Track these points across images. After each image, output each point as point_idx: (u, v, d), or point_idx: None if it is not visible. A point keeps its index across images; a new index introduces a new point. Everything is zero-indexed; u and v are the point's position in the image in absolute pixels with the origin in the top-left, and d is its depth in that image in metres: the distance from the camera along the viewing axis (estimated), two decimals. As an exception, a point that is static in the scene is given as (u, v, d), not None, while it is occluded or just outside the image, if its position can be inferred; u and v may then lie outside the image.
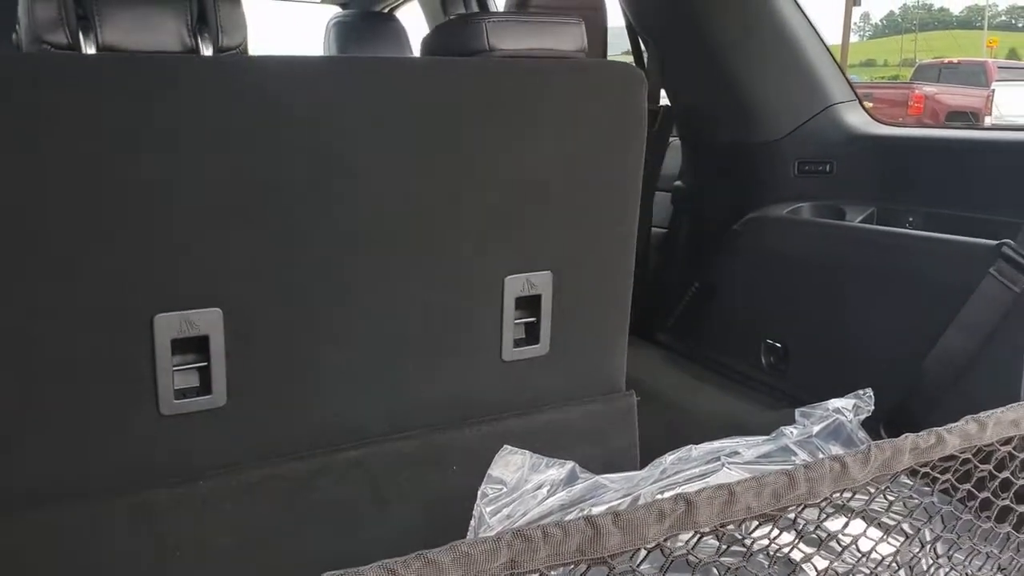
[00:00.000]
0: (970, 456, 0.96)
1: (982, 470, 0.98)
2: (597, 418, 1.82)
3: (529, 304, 1.65)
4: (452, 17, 3.39)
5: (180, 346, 1.36)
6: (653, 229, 3.13)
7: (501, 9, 3.31)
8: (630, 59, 3.13)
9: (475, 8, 4.11)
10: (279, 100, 1.40)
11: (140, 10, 1.30)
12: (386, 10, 4.40)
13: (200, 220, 1.35)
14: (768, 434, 1.49)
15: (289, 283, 1.44)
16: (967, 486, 0.98)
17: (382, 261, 1.51)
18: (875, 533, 0.99)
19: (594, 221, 1.70)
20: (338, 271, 1.48)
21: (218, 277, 1.38)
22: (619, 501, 1.28)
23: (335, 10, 4.41)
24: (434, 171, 1.53)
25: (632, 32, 2.95)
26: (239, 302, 1.39)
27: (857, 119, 2.55)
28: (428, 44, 1.76)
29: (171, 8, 1.32)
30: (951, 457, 0.95)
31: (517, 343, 1.65)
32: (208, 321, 1.36)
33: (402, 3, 4.41)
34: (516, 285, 1.61)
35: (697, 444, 1.44)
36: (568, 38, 1.72)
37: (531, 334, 1.67)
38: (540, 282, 1.63)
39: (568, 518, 0.73)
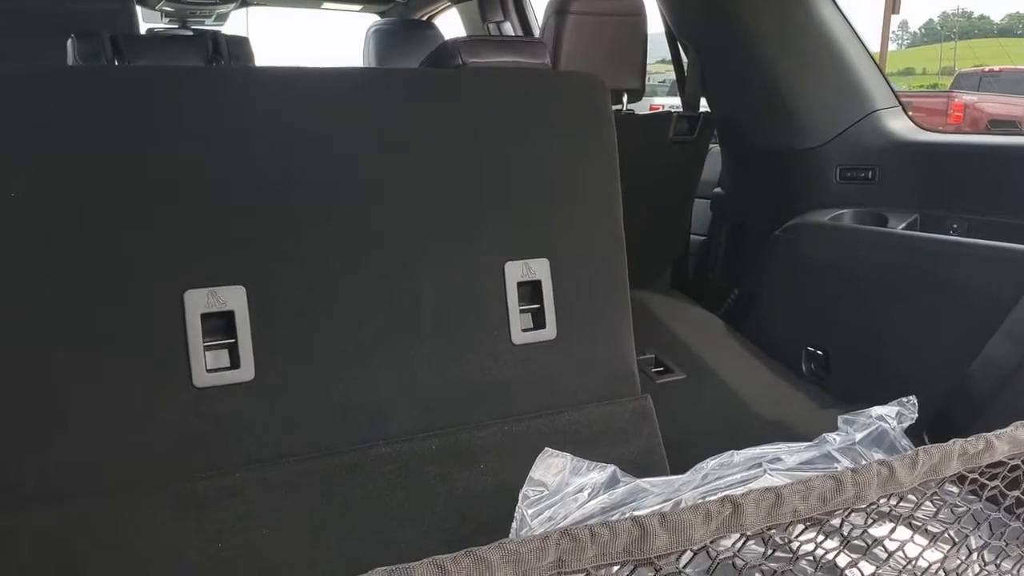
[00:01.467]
0: (1019, 463, 0.95)
1: (1031, 477, 0.97)
2: (618, 419, 1.84)
3: (533, 293, 1.77)
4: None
5: (209, 321, 1.48)
6: (692, 236, 3.12)
7: (539, 13, 3.33)
8: (669, 66, 3.13)
9: (514, 14, 4.13)
10: (293, 104, 1.62)
11: (166, 48, 1.60)
12: (424, 18, 4.43)
13: (225, 209, 1.52)
14: (813, 437, 1.48)
15: (307, 268, 1.58)
16: (1016, 493, 0.97)
17: (389, 247, 1.65)
18: (921, 540, 0.98)
19: (580, 212, 1.84)
20: (351, 256, 1.62)
21: (242, 258, 1.53)
22: (660, 505, 1.28)
23: (375, 18, 4.45)
24: (429, 166, 1.71)
25: (672, 38, 2.95)
26: (261, 282, 1.53)
27: (900, 125, 2.53)
28: (423, 64, 2.07)
29: (192, 44, 1.63)
30: (999, 463, 0.94)
31: (526, 328, 1.76)
32: (233, 296, 1.50)
33: (440, 11, 4.44)
34: (516, 270, 1.74)
35: (739, 449, 1.43)
36: (532, 54, 1.98)
37: (538, 321, 1.78)
38: (538, 268, 1.76)
39: (611, 520, 0.73)
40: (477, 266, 1.72)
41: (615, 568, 0.73)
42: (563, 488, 1.31)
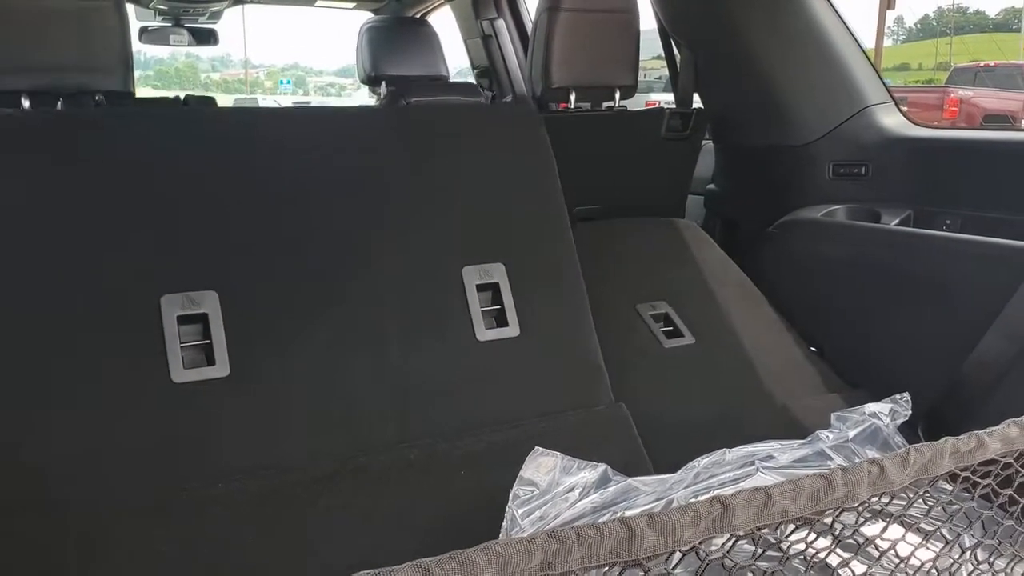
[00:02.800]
0: (1011, 460, 0.95)
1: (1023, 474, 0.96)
2: (596, 427, 1.87)
3: (492, 296, 1.89)
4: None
5: (185, 322, 1.59)
6: (686, 233, 3.12)
7: (533, 11, 3.32)
8: (662, 63, 3.12)
9: (507, 11, 4.13)
10: (257, 140, 1.84)
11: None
12: (418, 15, 4.42)
13: (197, 226, 1.68)
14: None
15: (276, 276, 1.71)
16: (1008, 491, 0.97)
17: (352, 257, 1.79)
18: (913, 538, 0.97)
19: (529, 221, 2.00)
20: (318, 266, 1.76)
21: (214, 268, 1.66)
22: (652, 504, 1.27)
23: (368, 15, 4.44)
24: (385, 188, 1.88)
25: (664, 35, 2.94)
26: (233, 288, 1.66)
27: (893, 121, 2.53)
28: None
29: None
30: (991, 461, 0.94)
31: (489, 326, 1.86)
32: (207, 300, 1.61)
33: (434, 8, 4.43)
34: (473, 275, 1.87)
35: (731, 448, 1.43)
36: (468, 92, 2.42)
37: (500, 320, 1.88)
38: (495, 272, 1.89)
39: (601, 521, 0.72)
40: (436, 271, 1.84)
41: (604, 570, 0.72)
42: (554, 487, 1.30)
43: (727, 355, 2.31)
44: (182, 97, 3.40)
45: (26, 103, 1.94)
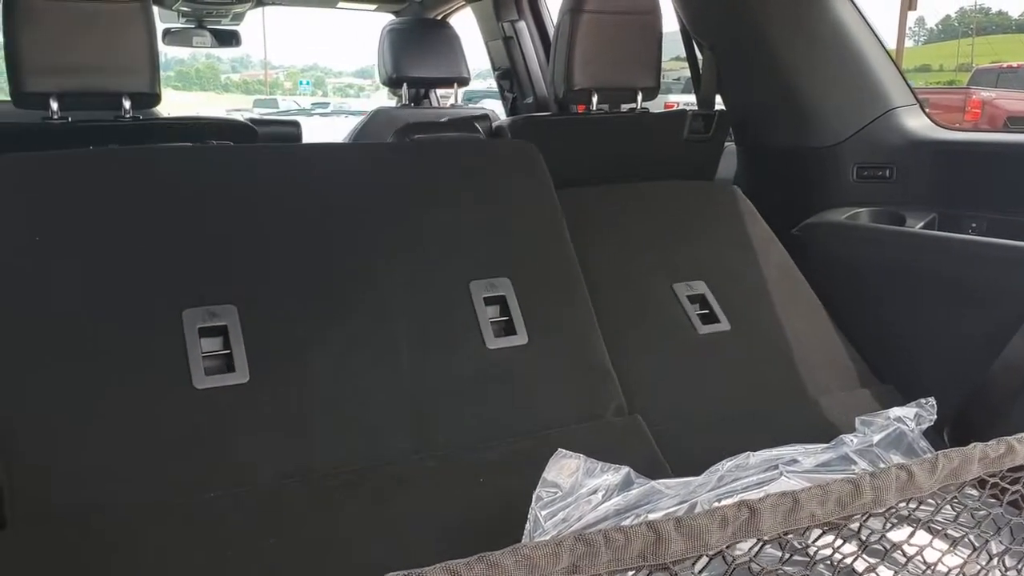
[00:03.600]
0: (1041, 467, 0.94)
1: (1054, 482, 0.95)
2: (611, 439, 1.87)
3: (500, 308, 1.98)
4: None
5: (205, 334, 1.68)
6: (707, 235, 3.11)
7: (554, 13, 3.32)
8: (681, 63, 3.11)
9: (528, 13, 4.13)
10: (278, 174, 1.98)
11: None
12: (439, 17, 4.43)
13: (222, 246, 1.81)
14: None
15: (292, 290, 1.81)
16: (1037, 498, 0.96)
17: (365, 275, 1.89)
18: (941, 545, 0.97)
19: (533, 241, 2.12)
20: (331, 278, 1.86)
21: (234, 283, 1.77)
22: (676, 508, 1.27)
23: (390, 17, 4.46)
24: (394, 215, 2.00)
25: (687, 36, 2.93)
26: (252, 302, 1.75)
27: (918, 123, 2.51)
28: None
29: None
30: (1021, 467, 0.93)
31: (497, 334, 1.93)
32: (227, 313, 1.71)
33: (455, 10, 4.44)
34: (480, 288, 1.96)
35: (755, 451, 1.42)
36: (467, 128, 2.52)
37: (508, 329, 1.95)
38: (502, 285, 1.98)
39: (624, 523, 0.72)
40: (444, 286, 1.95)
41: (630, 574, 0.72)
42: (577, 490, 1.30)
43: (761, 345, 2.25)
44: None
45: (54, 104, 1.97)
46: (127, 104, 2.06)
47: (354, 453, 1.68)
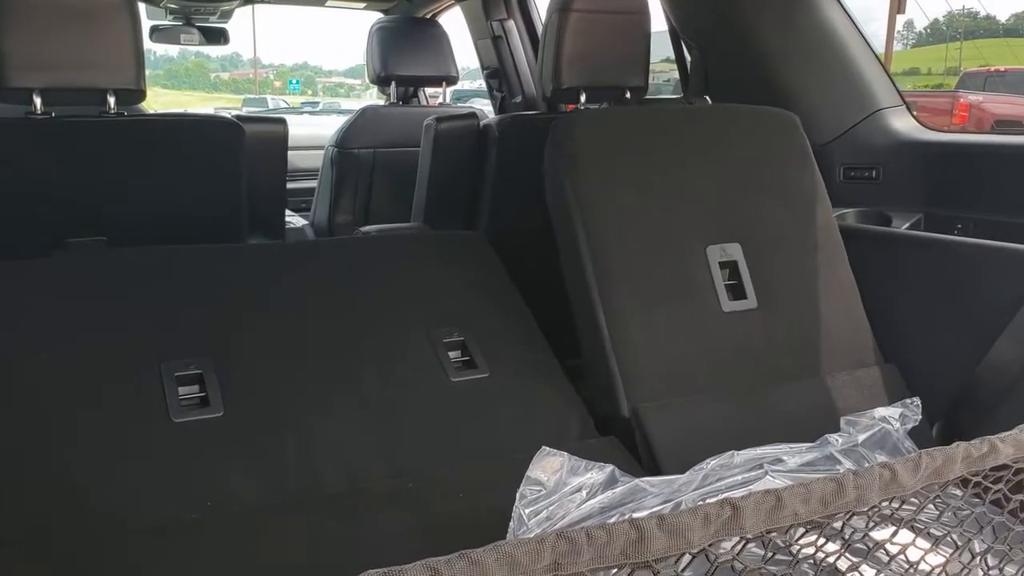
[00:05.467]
0: (1023, 466, 0.94)
1: (1036, 480, 0.96)
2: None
3: (463, 351, 2.07)
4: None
5: (183, 382, 1.79)
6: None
7: (543, 12, 3.32)
8: (671, 65, 3.12)
9: (517, 12, 4.12)
10: (252, 266, 2.15)
11: None
12: (428, 16, 4.42)
13: (199, 315, 1.94)
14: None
15: (263, 345, 1.93)
16: (1019, 497, 0.96)
17: (337, 335, 2.00)
18: (924, 544, 0.97)
19: (485, 303, 2.23)
20: (304, 336, 1.98)
21: (207, 341, 1.89)
22: (660, 506, 1.27)
23: (378, 15, 4.45)
24: (355, 290, 2.15)
25: (675, 36, 2.93)
26: (225, 353, 1.87)
27: (904, 124, 2.52)
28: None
29: None
30: (1003, 467, 0.93)
31: (457, 369, 2.01)
32: (203, 364, 1.82)
33: (444, 9, 4.43)
34: (439, 335, 2.06)
35: (739, 450, 1.42)
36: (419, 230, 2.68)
37: (468, 365, 2.03)
38: (460, 332, 2.09)
39: (610, 521, 0.72)
40: (408, 334, 2.05)
41: (612, 572, 0.72)
42: (561, 487, 1.30)
43: (783, 327, 2.13)
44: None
45: (38, 100, 1.96)
46: (111, 100, 2.04)
47: (330, 477, 1.72)
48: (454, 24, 4.37)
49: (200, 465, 1.67)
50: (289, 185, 2.69)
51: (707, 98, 2.87)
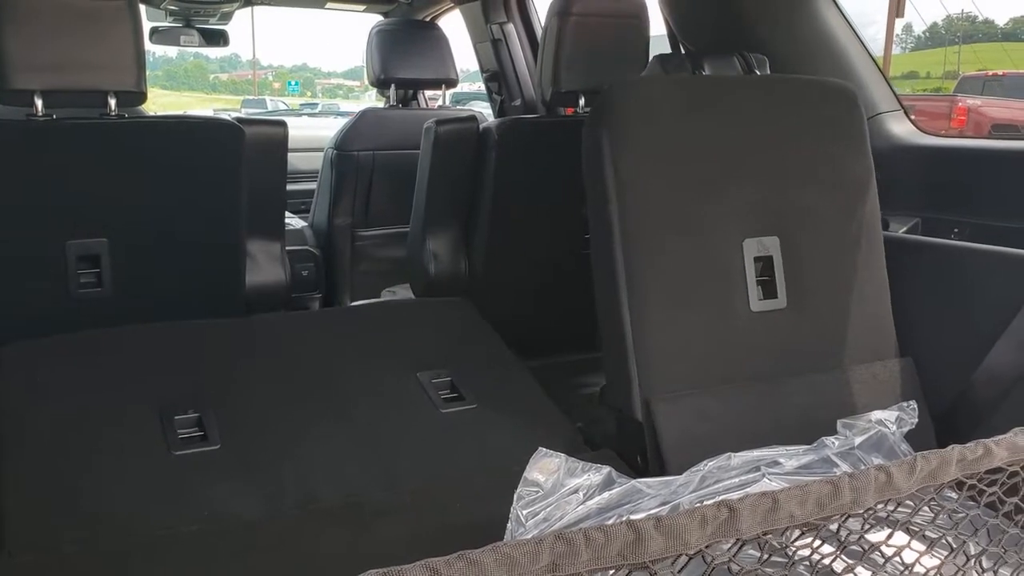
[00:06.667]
0: (1018, 469, 0.95)
1: (1030, 484, 0.96)
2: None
3: (451, 387, 2.17)
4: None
5: (183, 425, 1.91)
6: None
7: (543, 16, 3.33)
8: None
9: (517, 16, 4.13)
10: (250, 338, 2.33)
11: None
12: (428, 18, 4.43)
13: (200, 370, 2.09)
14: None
15: (259, 393, 2.06)
16: (1014, 499, 0.97)
17: (327, 375, 2.15)
18: (919, 546, 0.97)
19: (468, 345, 2.43)
20: (293, 379, 2.14)
21: (207, 388, 2.03)
22: (657, 508, 1.28)
23: (378, 18, 4.45)
24: (344, 346, 2.34)
25: (674, 41, 2.94)
26: (222, 402, 1.98)
27: (902, 129, 2.52)
28: None
29: None
30: (998, 470, 0.94)
31: (447, 402, 2.10)
32: (201, 407, 1.94)
33: (444, 12, 4.44)
34: (428, 376, 2.20)
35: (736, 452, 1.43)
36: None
37: (455, 397, 2.13)
38: (448, 373, 2.22)
39: (607, 523, 0.73)
40: (396, 373, 2.18)
41: (610, 573, 0.72)
42: (558, 489, 1.31)
43: (808, 324, 2.04)
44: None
45: (39, 102, 1.97)
46: (112, 102, 2.05)
47: (326, 493, 1.77)
48: (453, 27, 4.38)
49: (198, 487, 1.74)
50: (288, 187, 2.70)
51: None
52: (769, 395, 1.94)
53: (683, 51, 2.92)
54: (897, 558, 0.95)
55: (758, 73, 2.32)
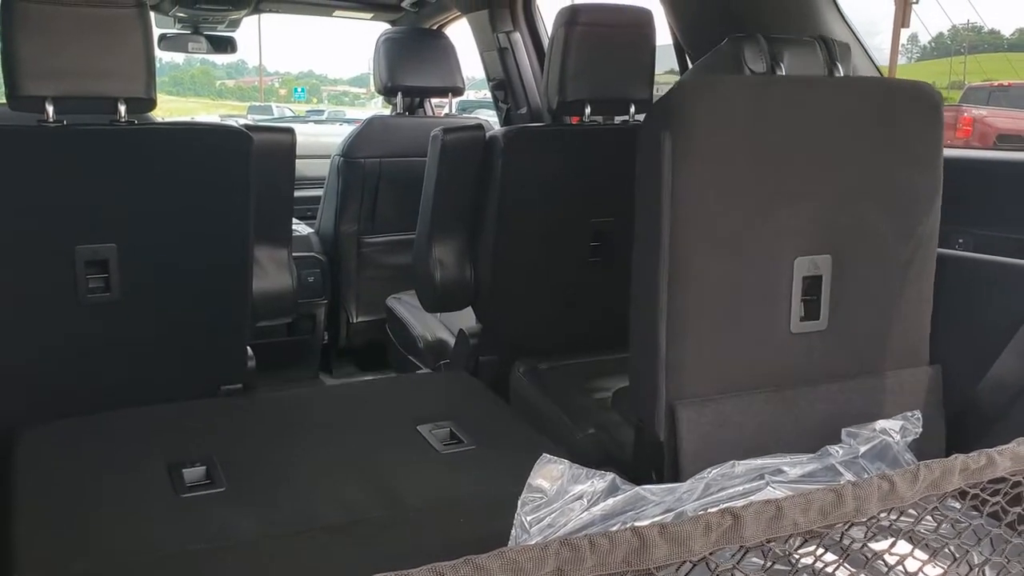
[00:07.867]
0: (1021, 479, 0.95)
1: (1033, 493, 0.97)
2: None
3: (451, 435, 2.18)
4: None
5: (189, 472, 1.94)
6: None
7: (549, 25, 3.34)
8: (675, 77, 3.13)
9: (523, 24, 4.15)
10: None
11: None
12: (435, 27, 4.45)
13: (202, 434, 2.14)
14: None
15: (260, 443, 2.12)
16: (1017, 509, 0.97)
17: (321, 432, 2.21)
18: (922, 555, 0.98)
19: (450, 398, 2.53)
20: (292, 440, 2.15)
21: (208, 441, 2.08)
22: (662, 515, 1.28)
23: (385, 26, 4.47)
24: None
25: (680, 50, 2.95)
26: (225, 453, 2.01)
27: (907, 140, 2.52)
28: None
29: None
30: (1001, 479, 0.94)
31: (445, 445, 2.10)
32: (205, 458, 1.97)
33: (451, 20, 4.46)
34: (427, 427, 2.20)
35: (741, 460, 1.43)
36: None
37: (455, 440, 2.14)
38: (447, 424, 2.22)
39: (611, 530, 0.73)
40: (392, 425, 2.23)
41: (617, 578, 0.73)
42: (562, 495, 1.31)
43: (845, 343, 1.96)
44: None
45: (50, 108, 1.98)
46: (122, 109, 2.07)
47: (329, 513, 1.78)
48: (460, 35, 4.40)
49: (203, 512, 1.77)
50: (294, 193, 2.71)
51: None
52: (795, 403, 1.90)
53: (688, 60, 2.93)
54: (900, 567, 0.95)
55: (839, 65, 2.18)
